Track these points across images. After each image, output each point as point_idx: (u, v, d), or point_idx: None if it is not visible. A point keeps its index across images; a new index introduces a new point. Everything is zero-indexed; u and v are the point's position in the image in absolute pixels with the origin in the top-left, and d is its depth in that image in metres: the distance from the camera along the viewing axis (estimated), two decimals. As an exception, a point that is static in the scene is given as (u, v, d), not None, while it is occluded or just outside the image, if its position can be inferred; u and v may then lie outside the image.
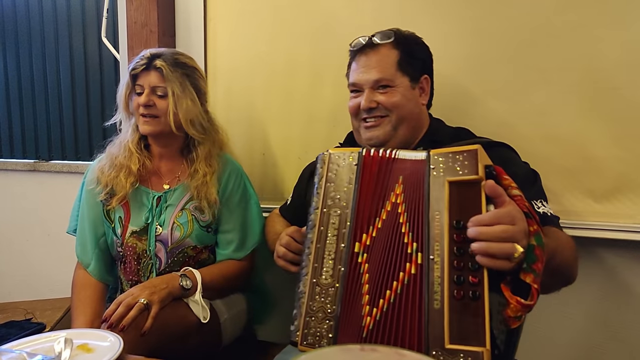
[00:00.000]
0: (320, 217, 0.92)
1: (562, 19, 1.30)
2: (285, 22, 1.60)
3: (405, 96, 1.14)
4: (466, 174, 0.81)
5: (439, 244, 0.81)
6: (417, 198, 0.86)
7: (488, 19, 1.38)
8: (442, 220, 0.81)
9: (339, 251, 0.90)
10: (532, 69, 1.34)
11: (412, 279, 0.82)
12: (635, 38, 1.25)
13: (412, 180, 0.88)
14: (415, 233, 0.84)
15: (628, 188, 1.29)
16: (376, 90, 1.15)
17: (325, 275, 0.89)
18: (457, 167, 0.82)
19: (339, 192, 0.93)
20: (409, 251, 0.84)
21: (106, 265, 1.44)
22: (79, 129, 2.21)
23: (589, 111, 1.30)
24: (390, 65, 1.14)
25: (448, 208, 0.81)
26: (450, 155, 0.83)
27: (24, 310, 1.80)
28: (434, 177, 0.84)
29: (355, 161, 0.94)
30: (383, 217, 0.89)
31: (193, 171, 1.40)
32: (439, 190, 0.83)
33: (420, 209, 0.84)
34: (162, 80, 1.35)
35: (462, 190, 0.81)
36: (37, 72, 2.25)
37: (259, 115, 1.68)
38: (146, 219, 1.38)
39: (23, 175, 2.26)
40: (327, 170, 0.95)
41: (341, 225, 0.91)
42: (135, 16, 1.72)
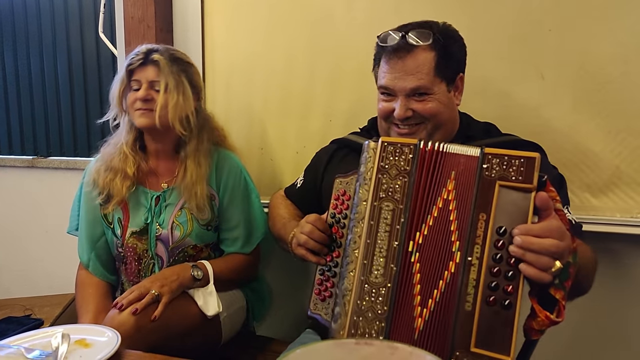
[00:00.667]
0: (370, 210, 0.87)
1: (555, 14, 1.30)
2: (282, 17, 1.60)
3: (443, 102, 1.08)
4: (520, 181, 0.78)
5: (479, 246, 0.79)
6: (466, 196, 0.83)
7: (482, 14, 1.38)
8: (487, 223, 0.79)
9: (391, 249, 0.85)
10: (527, 64, 1.34)
11: (451, 278, 0.81)
12: (628, 32, 1.25)
13: (464, 177, 0.84)
14: (460, 232, 0.82)
15: (624, 182, 1.29)
16: (412, 97, 1.08)
17: (376, 273, 0.85)
18: (511, 172, 0.79)
19: (393, 184, 0.88)
20: (453, 250, 0.82)
21: (106, 265, 1.44)
22: (77, 125, 2.21)
23: (584, 105, 1.30)
24: (428, 71, 1.06)
25: (494, 212, 0.79)
26: (506, 158, 0.80)
27: (23, 307, 1.80)
28: (484, 177, 0.81)
29: (411, 153, 0.88)
30: (434, 214, 0.85)
31: (183, 170, 1.37)
32: (488, 191, 0.80)
33: (467, 207, 0.82)
34: (159, 74, 1.33)
35: (512, 196, 0.79)
36: (34, 68, 2.24)
37: (256, 110, 1.68)
38: (145, 219, 1.38)
39: (21, 171, 2.25)
40: (379, 159, 0.89)
41: (394, 221, 0.86)
42: (133, 11, 1.71)
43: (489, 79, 1.38)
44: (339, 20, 1.53)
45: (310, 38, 1.57)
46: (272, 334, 1.62)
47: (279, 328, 1.74)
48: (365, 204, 0.88)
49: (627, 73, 1.26)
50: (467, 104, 1.20)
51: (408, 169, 0.88)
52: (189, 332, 1.26)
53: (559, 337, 1.44)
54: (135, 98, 1.33)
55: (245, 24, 1.66)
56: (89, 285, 1.41)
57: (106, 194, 1.38)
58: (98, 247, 1.43)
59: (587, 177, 1.32)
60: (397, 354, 0.53)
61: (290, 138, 1.64)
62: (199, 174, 1.36)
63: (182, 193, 1.36)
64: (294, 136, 1.64)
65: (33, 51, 2.23)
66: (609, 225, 1.30)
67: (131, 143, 1.39)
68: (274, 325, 1.74)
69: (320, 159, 1.32)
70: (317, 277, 0.97)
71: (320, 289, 0.96)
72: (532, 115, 1.35)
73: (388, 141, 0.90)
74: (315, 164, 1.33)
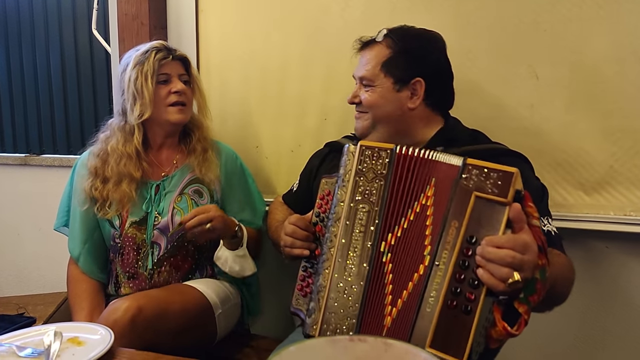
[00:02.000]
0: (347, 211, 0.91)
1: (549, 13, 1.31)
2: (277, 15, 1.60)
3: (384, 97, 1.13)
4: (495, 194, 0.79)
5: (447, 252, 0.81)
6: (442, 203, 0.85)
7: (478, 13, 1.38)
8: (458, 230, 0.81)
9: (365, 249, 0.88)
10: (521, 63, 1.35)
11: (418, 280, 0.83)
12: (623, 32, 1.25)
13: (444, 184, 0.86)
14: (433, 237, 0.84)
15: (617, 181, 1.30)
16: (363, 87, 1.16)
17: (349, 272, 0.88)
18: (488, 184, 0.80)
19: (369, 187, 0.91)
20: (424, 253, 0.84)
21: (97, 260, 1.43)
22: (71, 122, 2.20)
23: (578, 105, 1.31)
24: (375, 64, 1.13)
25: (467, 221, 0.80)
26: (486, 170, 0.81)
27: (16, 305, 1.79)
28: (462, 187, 0.83)
29: (388, 157, 0.91)
30: (410, 217, 0.87)
31: (191, 149, 1.42)
32: (464, 200, 0.82)
33: (442, 214, 0.84)
34: (184, 68, 1.39)
35: (486, 208, 0.80)
36: (27, 65, 2.22)
37: (251, 108, 1.68)
38: (146, 208, 1.38)
39: (14, 169, 2.24)
40: (357, 163, 0.92)
41: (369, 222, 0.89)
42: (126, 8, 1.70)
43: (484, 79, 1.38)
44: (334, 18, 1.52)
45: (305, 36, 1.57)
46: (266, 333, 1.62)
47: (272, 327, 1.74)
48: (342, 205, 0.92)
49: (621, 73, 1.26)
50: (462, 104, 1.21)
51: (384, 173, 0.90)
52: (184, 329, 1.26)
53: (555, 331, 1.45)
54: (169, 91, 1.34)
55: (240, 22, 1.65)
56: (82, 281, 1.41)
57: (109, 204, 1.36)
58: (90, 242, 1.42)
59: (580, 176, 1.33)
60: (391, 351, 0.53)
61: (285, 136, 1.64)
62: (211, 151, 1.43)
63: (195, 170, 1.40)
64: (289, 134, 1.63)
65: (26, 48, 2.21)
66: (603, 224, 1.31)
67: (140, 142, 1.37)
68: (268, 324, 1.74)
69: (313, 163, 1.36)
70: (300, 273, 1.00)
71: (302, 285, 0.99)
72: (527, 114, 1.35)
73: (366, 145, 0.93)
74: (309, 168, 1.38)
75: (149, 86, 1.30)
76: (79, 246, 1.41)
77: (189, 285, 1.35)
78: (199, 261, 1.45)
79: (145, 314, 1.15)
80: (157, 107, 1.34)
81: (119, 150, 1.35)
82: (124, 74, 1.35)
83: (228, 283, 1.48)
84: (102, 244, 1.44)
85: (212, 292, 1.37)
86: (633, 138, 1.27)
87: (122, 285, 1.41)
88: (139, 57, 1.33)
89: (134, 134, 1.36)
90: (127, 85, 1.32)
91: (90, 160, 1.40)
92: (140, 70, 1.31)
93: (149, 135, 1.41)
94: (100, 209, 1.37)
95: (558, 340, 1.45)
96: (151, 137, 1.42)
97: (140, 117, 1.33)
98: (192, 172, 1.42)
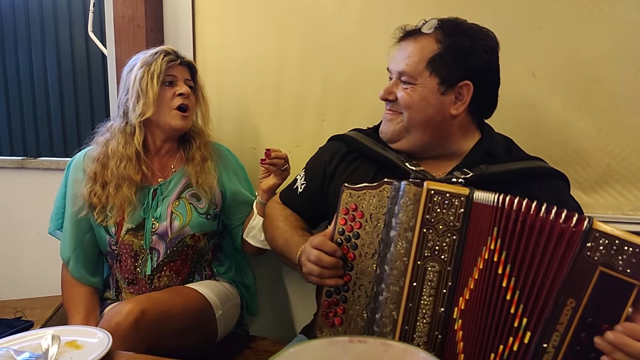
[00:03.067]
0: (412, 269, 0.79)
1: (546, 13, 1.31)
2: (274, 16, 1.59)
3: (426, 99, 1.00)
4: (628, 275, 0.68)
5: (559, 334, 0.71)
6: (546, 268, 0.74)
7: (473, 13, 1.36)
8: (575, 311, 0.71)
9: (436, 315, 0.78)
10: (517, 62, 1.35)
11: (512, 356, 0.74)
12: (619, 30, 1.26)
13: (541, 244, 0.74)
14: (529, 308, 0.74)
15: (614, 179, 1.30)
16: (401, 83, 1.03)
17: (419, 340, 0.78)
18: (619, 259, 0.69)
19: (439, 242, 0.78)
20: (515, 324, 0.75)
21: (88, 265, 1.42)
22: (67, 125, 2.19)
23: (575, 104, 1.31)
24: (419, 60, 1.00)
25: (587, 300, 0.70)
26: (617, 242, 0.69)
27: (14, 309, 1.78)
28: (585, 257, 0.71)
29: (462, 207, 0.78)
30: (475, 276, 0.78)
31: (190, 157, 1.41)
32: (586, 275, 0.70)
33: (550, 284, 0.73)
34: (190, 75, 1.39)
35: (611, 287, 0.69)
36: (23, 68, 2.21)
37: (249, 110, 1.67)
38: (144, 214, 1.37)
39: (11, 172, 2.22)
40: (424, 211, 0.79)
41: (440, 284, 0.78)
42: (122, 10, 1.70)
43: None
44: (331, 19, 1.52)
45: (302, 37, 1.57)
46: (265, 334, 1.61)
47: (271, 328, 1.73)
48: (405, 260, 0.80)
49: (617, 71, 1.27)
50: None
51: (458, 226, 0.78)
52: (186, 330, 1.26)
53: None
54: (174, 93, 1.34)
55: (237, 24, 1.65)
56: (76, 285, 1.40)
57: (109, 208, 1.34)
58: (80, 247, 1.40)
59: (578, 175, 1.33)
60: (390, 351, 0.53)
61: (283, 138, 1.64)
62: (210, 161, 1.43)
63: (192, 180, 1.39)
64: (287, 136, 1.63)
65: (22, 51, 2.20)
66: (601, 223, 1.31)
67: (141, 145, 1.35)
68: (266, 325, 1.74)
69: (326, 162, 1.18)
70: (324, 300, 0.89)
71: (327, 313, 0.89)
72: (524, 113, 1.36)
73: (435, 189, 0.79)
74: (322, 167, 1.19)
75: (154, 85, 1.29)
76: (68, 250, 1.40)
77: (189, 287, 1.35)
78: (197, 264, 1.45)
79: (148, 316, 1.15)
80: (160, 108, 1.33)
81: (120, 152, 1.33)
82: (129, 74, 1.34)
83: (227, 284, 1.48)
84: (92, 249, 1.42)
85: (212, 293, 1.37)
86: (629, 136, 1.28)
87: (123, 290, 1.41)
88: (147, 58, 1.33)
89: (134, 135, 1.34)
90: (132, 84, 1.32)
91: (88, 164, 1.37)
92: (147, 70, 1.31)
93: (149, 139, 1.40)
94: (100, 214, 1.34)
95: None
96: (151, 140, 1.40)
97: (141, 115, 1.31)
98: (188, 176, 1.41)
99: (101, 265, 1.48)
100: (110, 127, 1.39)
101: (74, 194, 1.37)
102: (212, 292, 1.37)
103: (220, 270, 1.50)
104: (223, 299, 1.40)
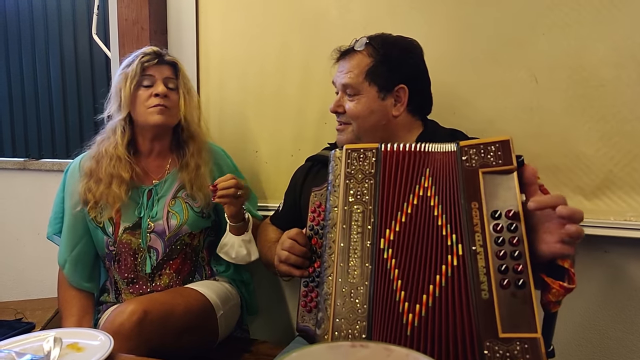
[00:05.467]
0: (342, 215, 0.90)
1: (548, 18, 1.31)
2: (277, 20, 1.60)
3: (370, 107, 1.14)
4: (501, 165, 0.82)
5: (480, 234, 0.81)
6: (450, 190, 0.86)
7: (475, 18, 1.38)
8: (481, 210, 0.82)
9: (365, 249, 0.87)
10: (519, 67, 1.35)
11: (455, 271, 0.81)
12: (621, 35, 1.26)
13: (443, 172, 0.88)
14: (453, 225, 0.84)
15: (616, 185, 1.30)
16: (346, 96, 1.17)
17: (353, 274, 0.86)
18: (490, 158, 0.83)
19: (360, 188, 0.91)
20: (448, 243, 0.83)
21: (83, 270, 1.43)
22: (70, 127, 2.19)
23: (577, 109, 1.31)
24: (359, 73, 1.14)
25: (485, 198, 0.82)
26: (482, 147, 0.85)
27: (14, 310, 1.78)
28: (466, 168, 0.85)
29: (374, 156, 0.93)
30: (408, 210, 0.88)
31: (184, 164, 1.41)
32: (473, 180, 0.84)
33: (456, 200, 0.85)
34: (173, 73, 1.38)
35: (496, 181, 0.82)
36: (27, 70, 2.22)
37: (251, 113, 1.68)
38: (138, 213, 1.38)
39: (13, 173, 2.23)
40: (345, 166, 0.93)
41: (365, 222, 0.89)
42: (126, 13, 1.71)
43: (482, 83, 1.39)
44: (334, 22, 1.53)
45: (305, 40, 1.57)
46: (265, 338, 1.61)
47: (271, 331, 1.73)
48: (336, 210, 0.91)
49: (619, 76, 1.27)
50: (461, 109, 1.21)
51: (373, 172, 0.92)
52: (188, 331, 1.26)
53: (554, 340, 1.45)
54: (151, 94, 1.34)
55: (240, 27, 1.66)
56: (71, 287, 1.41)
57: (102, 205, 1.36)
58: (76, 251, 1.41)
59: (580, 180, 1.33)
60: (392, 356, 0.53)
61: (285, 141, 1.64)
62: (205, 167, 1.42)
63: (187, 186, 1.39)
64: (289, 139, 1.63)
65: (26, 53, 2.21)
66: (603, 229, 1.30)
67: (126, 145, 1.37)
68: (267, 328, 1.74)
69: (296, 179, 1.34)
70: (302, 290, 0.99)
71: (306, 301, 0.97)
72: (525, 118, 1.35)
73: (352, 148, 0.95)
74: (293, 185, 1.35)
75: (126, 87, 1.33)
76: (65, 254, 1.41)
77: (190, 288, 1.36)
78: (197, 262, 1.46)
79: (151, 316, 1.15)
80: (138, 109, 1.35)
81: (110, 151, 1.36)
82: (115, 76, 1.39)
83: (227, 284, 1.49)
84: (88, 255, 1.44)
85: (212, 293, 1.37)
86: (632, 142, 1.27)
87: (123, 291, 1.41)
88: (128, 60, 1.36)
89: (123, 134, 1.37)
90: (113, 86, 1.38)
91: (86, 162, 1.40)
92: (124, 72, 1.34)
93: (139, 140, 1.42)
94: (93, 210, 1.36)
95: (556, 344, 1.44)
96: (140, 142, 1.42)
97: (118, 116, 1.36)
98: (183, 181, 1.42)
99: (97, 271, 1.49)
100: (106, 128, 1.43)
101: (72, 191, 1.40)
102: (212, 292, 1.38)
103: (220, 269, 1.50)
104: (224, 299, 1.41)
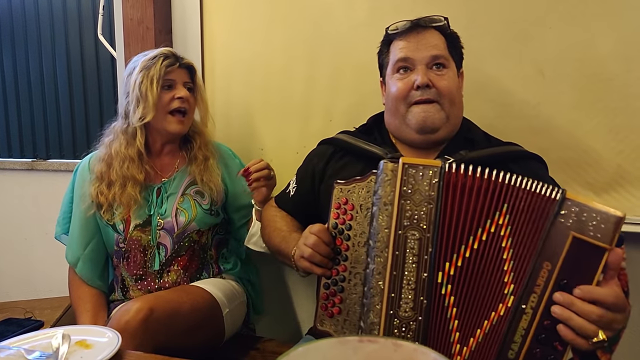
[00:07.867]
0: (395, 239, 0.82)
1: (555, 11, 1.30)
2: (281, 17, 1.60)
3: (456, 83, 1.07)
4: (598, 239, 0.72)
5: (536, 296, 0.75)
6: (528, 237, 0.78)
7: (482, 12, 1.37)
8: (551, 273, 0.75)
9: (420, 280, 0.81)
10: (527, 62, 1.34)
11: (500, 321, 0.77)
12: (629, 28, 1.24)
13: (526, 215, 0.78)
14: (517, 275, 0.78)
15: (626, 180, 1.28)
16: (431, 70, 1.05)
17: (405, 307, 0.81)
18: (589, 225, 0.73)
19: (417, 211, 0.82)
20: (505, 291, 0.78)
21: (97, 266, 1.44)
22: (77, 127, 2.20)
23: (585, 103, 1.30)
24: (444, 46, 1.07)
25: (561, 263, 0.74)
26: (587, 209, 0.74)
27: (23, 310, 1.79)
28: (559, 224, 0.75)
29: (436, 177, 0.82)
30: (474, 245, 0.81)
31: (193, 157, 1.43)
32: (560, 240, 0.75)
33: (530, 250, 0.77)
34: (189, 76, 1.40)
35: (582, 251, 0.73)
36: (33, 70, 2.23)
37: (256, 110, 1.68)
38: (149, 211, 1.39)
39: (21, 174, 2.25)
40: (401, 184, 0.83)
41: (422, 251, 0.81)
42: (132, 13, 1.71)
43: (489, 77, 1.38)
44: (339, 20, 1.52)
45: (310, 38, 1.57)
46: (271, 335, 1.61)
47: (278, 329, 1.73)
48: (387, 232, 0.83)
49: (628, 70, 1.25)
50: (468, 103, 1.20)
51: (433, 195, 0.82)
52: (194, 328, 1.27)
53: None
54: (172, 97, 1.35)
55: (245, 25, 1.66)
56: (84, 284, 1.42)
57: (115, 206, 1.37)
58: (90, 248, 1.42)
59: (589, 176, 1.32)
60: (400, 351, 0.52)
61: (290, 138, 1.64)
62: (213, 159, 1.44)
63: (197, 178, 1.40)
64: (294, 136, 1.63)
65: (32, 53, 2.22)
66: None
67: (142, 146, 1.37)
68: (273, 326, 1.74)
69: (314, 164, 1.22)
70: (322, 292, 0.93)
71: (326, 305, 0.93)
72: (533, 113, 1.35)
73: (409, 162, 0.83)
74: (311, 170, 1.23)
75: (153, 90, 1.31)
76: (78, 251, 1.42)
77: (196, 286, 1.36)
78: (205, 260, 1.47)
79: (157, 314, 1.16)
80: (158, 112, 1.34)
81: (122, 153, 1.36)
82: (129, 77, 1.35)
83: (234, 282, 1.49)
84: (100, 252, 1.45)
85: (219, 291, 1.38)
86: (641, 136, 1.26)
87: (130, 288, 1.41)
88: (147, 62, 1.34)
89: (136, 136, 1.36)
90: (132, 88, 1.33)
91: (95, 165, 1.40)
92: (146, 74, 1.32)
93: (150, 141, 1.43)
94: (106, 213, 1.37)
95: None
96: (151, 142, 1.43)
97: (141, 119, 1.33)
98: (192, 175, 1.43)
99: (107, 270, 1.50)
100: (113, 128, 1.42)
101: (82, 193, 1.40)
102: (219, 290, 1.38)
103: (226, 267, 1.51)
104: (230, 297, 1.41)
